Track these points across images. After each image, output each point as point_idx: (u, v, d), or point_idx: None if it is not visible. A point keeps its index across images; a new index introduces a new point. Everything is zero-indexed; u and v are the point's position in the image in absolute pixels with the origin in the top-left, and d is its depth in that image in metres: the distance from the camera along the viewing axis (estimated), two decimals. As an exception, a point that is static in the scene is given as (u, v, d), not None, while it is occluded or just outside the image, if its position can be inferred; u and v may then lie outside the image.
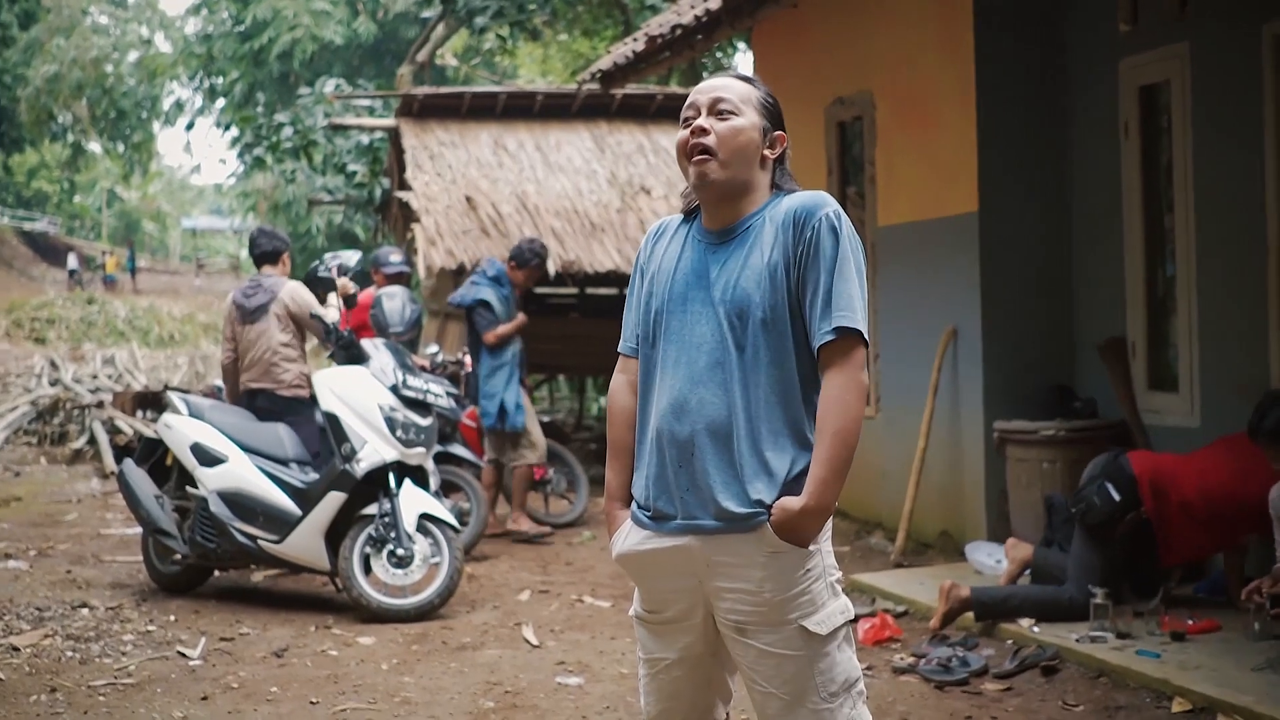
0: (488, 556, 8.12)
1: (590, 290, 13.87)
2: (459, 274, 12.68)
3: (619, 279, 12.22)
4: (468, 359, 9.38)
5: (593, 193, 12.33)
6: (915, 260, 7.78)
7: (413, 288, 16.85)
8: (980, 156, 7.19)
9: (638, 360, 2.84)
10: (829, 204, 2.68)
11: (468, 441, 8.81)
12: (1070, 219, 7.28)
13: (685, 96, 10.71)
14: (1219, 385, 6.32)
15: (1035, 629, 5.60)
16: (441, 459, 8.02)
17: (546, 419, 10.81)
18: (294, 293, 7.32)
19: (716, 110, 2.74)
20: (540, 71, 23.47)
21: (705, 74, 17.04)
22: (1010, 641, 5.63)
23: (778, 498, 2.62)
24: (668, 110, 13.25)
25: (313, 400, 7.01)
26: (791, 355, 2.65)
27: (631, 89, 13.28)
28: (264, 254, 7.56)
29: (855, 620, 5.97)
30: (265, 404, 7.25)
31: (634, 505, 2.80)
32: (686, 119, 2.78)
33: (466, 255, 11.23)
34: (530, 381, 11.70)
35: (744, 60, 18.87)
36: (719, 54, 15.91)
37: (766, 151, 2.76)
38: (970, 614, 5.86)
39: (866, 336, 2.65)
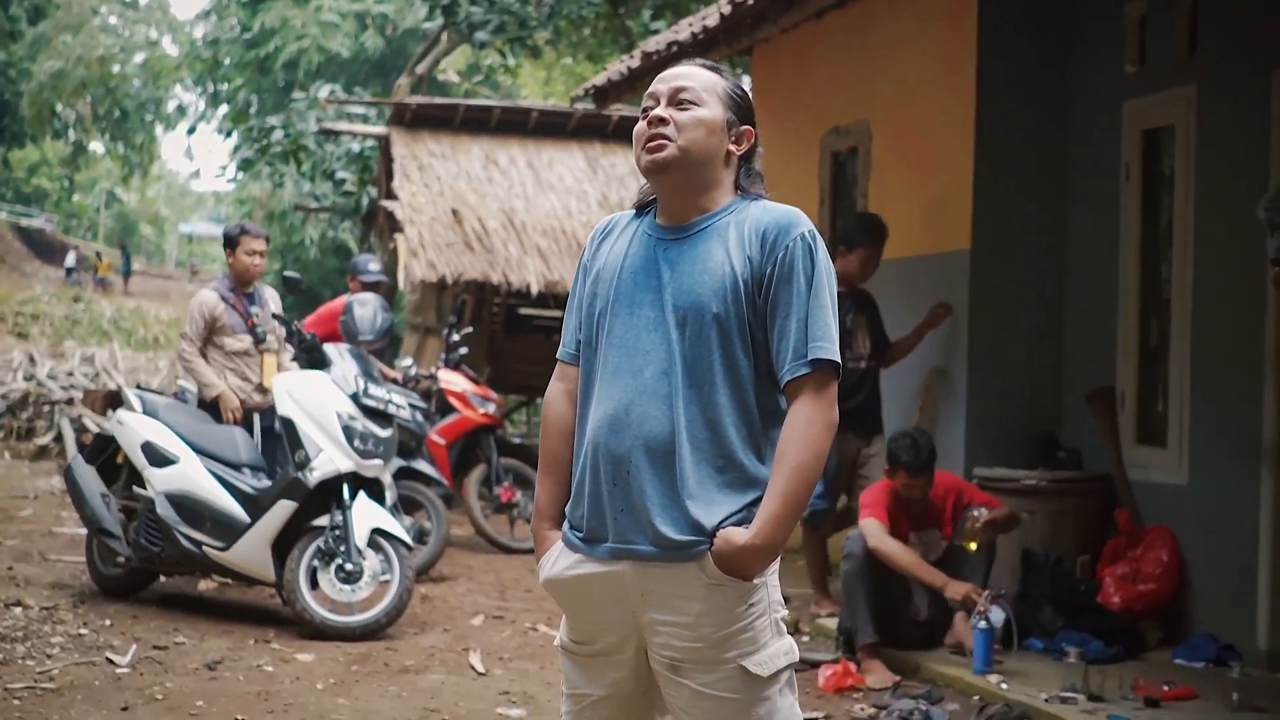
0: (445, 578, 7.86)
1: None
2: (441, 288, 12.48)
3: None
4: (440, 373, 9.16)
5: (582, 213, 12.14)
6: (904, 296, 7.54)
7: (396, 299, 16.70)
8: (976, 193, 6.98)
9: (578, 368, 2.59)
10: (804, 223, 2.45)
11: (434, 458, 8.57)
12: (1065, 262, 7.07)
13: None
14: (1209, 442, 6.09)
15: (1004, 685, 5.34)
16: (405, 475, 7.77)
17: (519, 441, 10.57)
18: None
19: (677, 100, 2.50)
20: (542, 94, 23.34)
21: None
22: (977, 698, 5.36)
23: (720, 526, 2.38)
24: (665, 134, 13.03)
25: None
26: (746, 375, 2.42)
27: (628, 111, 13.08)
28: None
29: (817, 665, 5.76)
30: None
31: (565, 525, 2.55)
32: (646, 109, 2.54)
33: (449, 268, 11.02)
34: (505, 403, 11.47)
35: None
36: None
37: (731, 146, 2.52)
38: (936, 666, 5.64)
39: (841, 369, 2.43)
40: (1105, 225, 6.77)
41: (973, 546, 5.80)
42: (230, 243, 7.38)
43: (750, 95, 2.60)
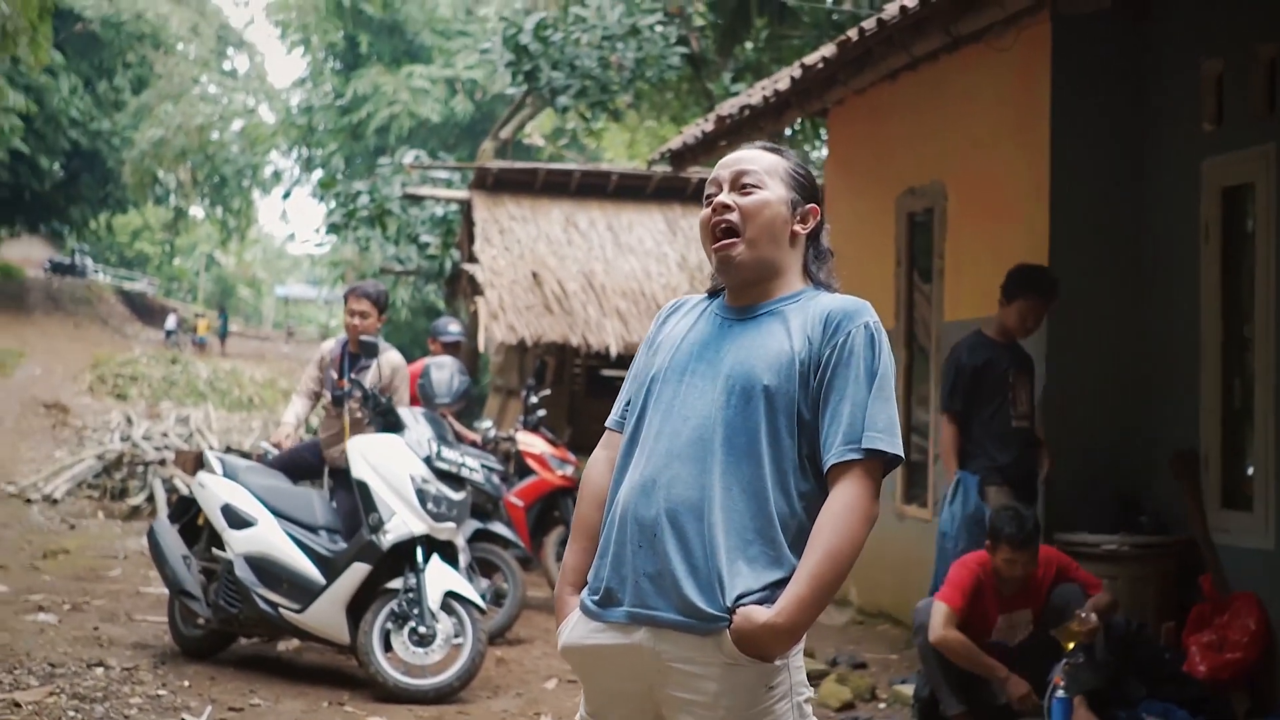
0: (521, 640, 7.86)
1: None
2: (523, 350, 12.57)
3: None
4: (519, 435, 9.21)
5: (661, 275, 12.18)
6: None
7: (480, 362, 16.87)
8: (1051, 252, 6.89)
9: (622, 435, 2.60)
10: (870, 314, 2.46)
11: (512, 520, 8.59)
12: (1144, 322, 6.94)
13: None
14: (1296, 506, 5.92)
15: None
16: (482, 537, 7.80)
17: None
18: None
19: (740, 185, 2.52)
20: (627, 157, 23.59)
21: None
22: (1055, 769, 5.23)
23: (740, 602, 2.33)
24: (744, 196, 13.05)
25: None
26: (789, 454, 2.39)
27: (707, 173, 13.15)
28: None
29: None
30: None
31: (584, 591, 2.53)
32: (709, 195, 2.56)
33: (528, 331, 11.10)
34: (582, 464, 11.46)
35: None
36: (799, 137, 15.77)
37: (797, 227, 2.55)
38: None
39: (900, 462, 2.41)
40: (1185, 285, 6.65)
41: (1070, 646, 5.55)
42: (344, 301, 7.51)
43: (811, 174, 2.61)
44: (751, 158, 2.56)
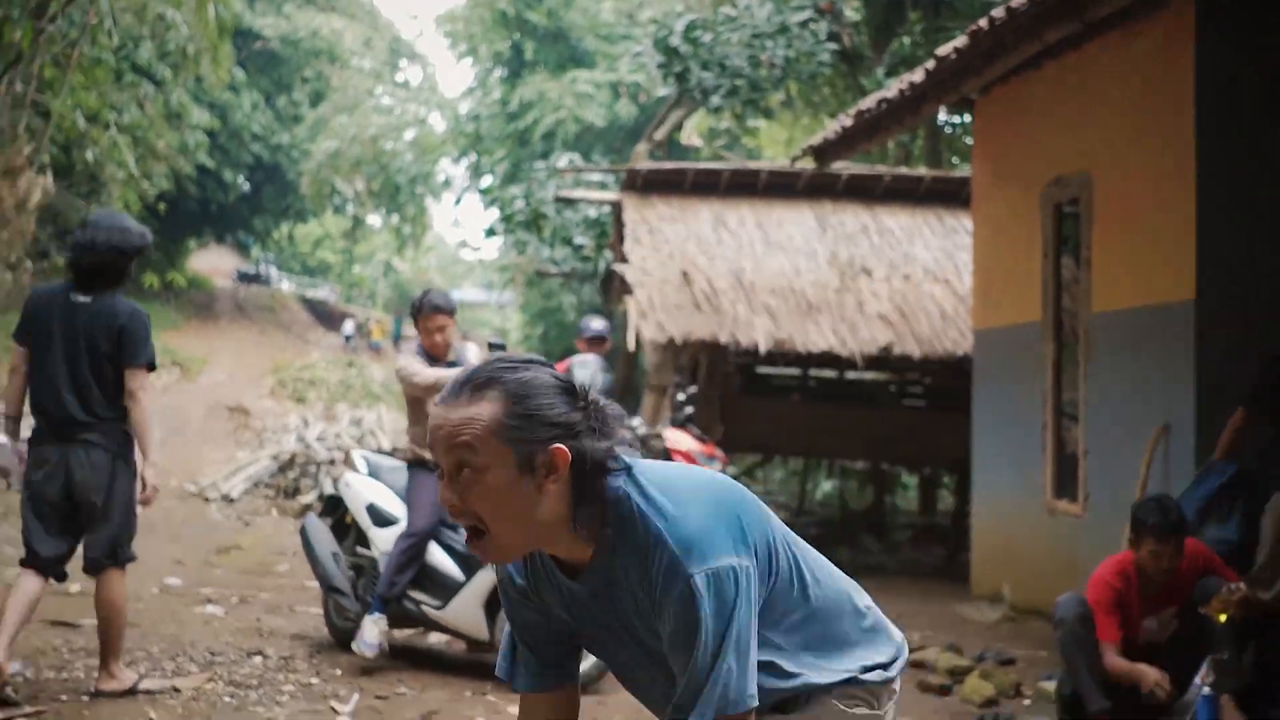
0: (665, 635, 7.92)
1: (813, 372, 13.74)
2: (674, 349, 12.66)
3: (835, 360, 12.09)
4: (667, 432, 9.29)
5: (811, 271, 12.13)
6: (1128, 350, 7.29)
7: (637, 363, 17.03)
8: (1199, 240, 6.69)
9: None
10: (692, 564, 2.15)
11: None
12: (1300, 313, 6.69)
13: (916, 179, 10.32)
14: None
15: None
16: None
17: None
18: None
19: (459, 469, 2.18)
20: (785, 154, 23.47)
21: (943, 149, 16.57)
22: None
23: None
24: (895, 191, 12.97)
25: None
26: None
27: (858, 169, 13.10)
28: None
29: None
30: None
31: None
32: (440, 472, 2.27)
33: (677, 329, 11.16)
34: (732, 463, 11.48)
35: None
36: (959, 130, 15.52)
37: (547, 484, 2.18)
38: None
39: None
40: (1342, 271, 6.39)
41: (1223, 618, 5.40)
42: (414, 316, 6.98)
43: (537, 403, 2.19)
44: (456, 426, 2.17)
